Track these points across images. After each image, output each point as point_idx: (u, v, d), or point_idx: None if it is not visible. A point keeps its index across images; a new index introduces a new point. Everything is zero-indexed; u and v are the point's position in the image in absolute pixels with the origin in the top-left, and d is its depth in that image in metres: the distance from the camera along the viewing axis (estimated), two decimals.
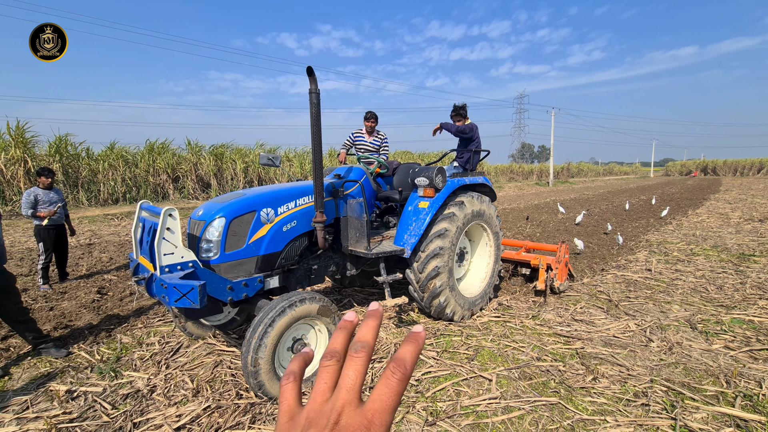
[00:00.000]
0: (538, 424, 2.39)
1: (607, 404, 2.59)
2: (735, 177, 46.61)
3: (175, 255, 2.53)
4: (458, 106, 4.75)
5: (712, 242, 7.76)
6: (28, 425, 2.43)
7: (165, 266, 2.48)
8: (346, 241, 3.52)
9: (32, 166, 13.74)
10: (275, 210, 3.05)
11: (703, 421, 2.40)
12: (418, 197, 3.79)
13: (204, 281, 2.40)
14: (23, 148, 13.68)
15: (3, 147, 13.44)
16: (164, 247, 2.48)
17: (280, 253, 3.10)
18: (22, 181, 13.61)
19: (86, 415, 2.54)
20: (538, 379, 2.90)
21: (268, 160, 3.84)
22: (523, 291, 4.94)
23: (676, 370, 3.04)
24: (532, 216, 11.91)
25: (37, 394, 2.78)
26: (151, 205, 2.87)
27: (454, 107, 4.75)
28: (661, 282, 5.27)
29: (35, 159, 14.00)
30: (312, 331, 2.88)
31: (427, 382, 2.88)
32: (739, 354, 3.26)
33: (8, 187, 13.77)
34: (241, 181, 19.64)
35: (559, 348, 3.40)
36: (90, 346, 3.54)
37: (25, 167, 13.76)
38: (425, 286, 3.69)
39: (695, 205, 14.46)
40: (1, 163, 13.41)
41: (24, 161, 13.72)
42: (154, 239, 2.53)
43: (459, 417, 2.47)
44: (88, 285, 5.33)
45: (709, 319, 3.98)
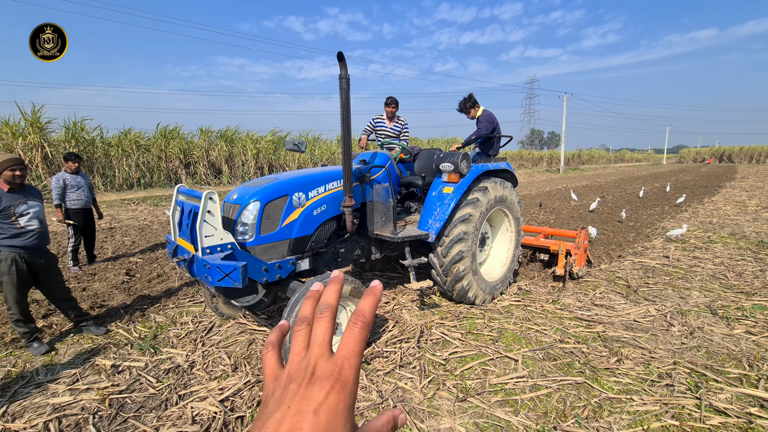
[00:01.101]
0: (565, 402, 2.48)
1: (632, 384, 2.67)
2: (751, 164, 45.57)
3: (215, 237, 2.63)
4: (465, 99, 4.80)
5: (729, 230, 7.71)
6: (81, 396, 2.58)
7: (206, 248, 2.58)
8: (371, 226, 3.59)
9: (49, 151, 13.96)
10: (306, 194, 3.12)
11: (727, 401, 2.47)
12: (442, 183, 3.83)
13: (245, 262, 2.49)
14: (39, 134, 13.87)
15: (21, 133, 13.63)
16: (205, 230, 2.57)
17: (310, 236, 3.18)
18: (40, 166, 13.85)
19: (133, 387, 2.69)
20: (562, 360, 2.98)
21: (294, 146, 3.90)
22: (542, 276, 5.00)
23: (699, 353, 3.10)
24: (545, 203, 11.87)
25: (84, 368, 2.94)
26: (189, 189, 2.96)
27: (461, 102, 4.81)
28: (680, 269, 5.28)
29: (51, 144, 14.20)
30: (343, 312, 2.98)
31: (454, 362, 2.98)
32: (761, 339, 3.30)
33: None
34: (252, 167, 19.75)
35: (581, 331, 3.47)
36: (126, 325, 3.69)
37: (42, 152, 13.98)
38: (449, 270, 3.76)
39: (711, 193, 14.26)
40: (19, 149, 13.62)
41: (41, 146, 13.93)
42: (195, 222, 2.62)
43: (488, 394, 2.57)
44: (116, 267, 5.50)
45: (729, 305, 4.01)
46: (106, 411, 2.43)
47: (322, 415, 0.31)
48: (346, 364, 0.34)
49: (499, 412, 2.39)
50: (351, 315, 0.37)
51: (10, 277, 2.97)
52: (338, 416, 0.32)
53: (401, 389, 2.63)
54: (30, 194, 3.13)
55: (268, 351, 0.40)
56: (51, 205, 5.92)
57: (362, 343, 0.35)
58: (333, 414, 0.31)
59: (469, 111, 4.86)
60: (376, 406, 2.46)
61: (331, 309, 0.38)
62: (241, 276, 2.44)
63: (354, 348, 0.35)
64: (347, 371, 0.34)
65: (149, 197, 13.59)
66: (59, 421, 2.34)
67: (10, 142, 13.62)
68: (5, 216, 2.95)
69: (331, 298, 0.38)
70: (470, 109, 4.83)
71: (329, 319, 0.37)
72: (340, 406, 0.32)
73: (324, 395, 0.32)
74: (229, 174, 19.31)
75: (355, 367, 0.34)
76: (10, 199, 2.98)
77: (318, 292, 0.41)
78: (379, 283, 0.39)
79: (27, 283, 3.09)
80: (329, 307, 0.38)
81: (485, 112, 4.79)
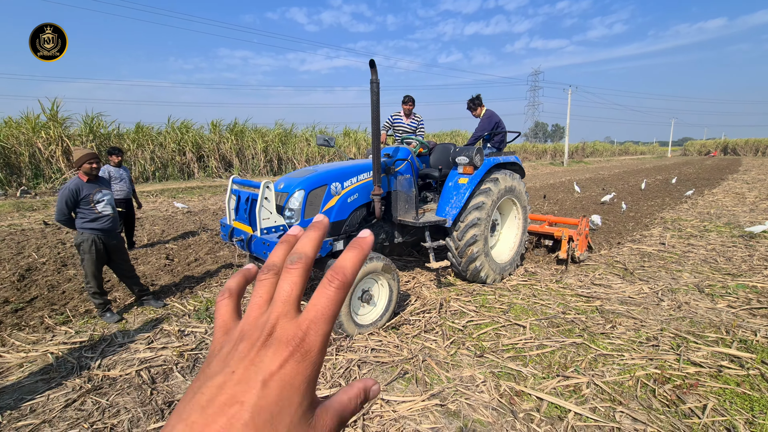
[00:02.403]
0: (567, 357, 2.96)
1: (623, 345, 3.14)
2: (756, 157, 45.57)
3: (271, 219, 3.10)
4: (473, 98, 5.29)
5: (725, 220, 8.11)
6: (160, 352, 3.08)
7: (264, 229, 3.06)
8: (395, 212, 4.05)
9: (69, 144, 14.47)
10: (342, 184, 3.58)
11: (703, 357, 2.94)
12: (457, 174, 4.28)
13: None
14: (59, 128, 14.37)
15: (42, 127, 14.13)
16: (263, 213, 3.05)
17: (345, 221, 3.65)
18: (61, 160, 14.38)
19: (201, 347, 3.19)
20: (564, 327, 3.46)
21: (324, 141, 4.36)
22: (546, 260, 5.46)
23: (683, 322, 3.56)
24: (549, 195, 12.28)
25: (155, 332, 3.44)
26: (244, 179, 3.43)
27: (468, 102, 5.30)
28: (674, 254, 5.72)
29: (70, 138, 14.70)
30: (375, 285, 3.46)
31: (471, 328, 3.46)
32: (740, 311, 3.76)
33: (47, 165, 14.53)
34: (262, 161, 20.22)
35: (581, 305, 3.94)
36: (179, 300, 4.19)
37: (62, 146, 14.49)
38: (464, 252, 4.23)
39: (712, 185, 14.61)
40: (40, 143, 14.13)
41: (61, 140, 14.43)
42: (253, 207, 3.10)
43: (501, 351, 3.05)
44: (155, 252, 6.01)
45: (715, 284, 4.46)
46: (184, 363, 2.94)
47: (273, 388, 0.25)
48: (312, 329, 0.27)
49: (511, 364, 2.87)
50: (327, 271, 0.30)
51: (90, 255, 3.47)
52: (293, 391, 0.26)
53: (427, 348, 3.11)
54: (103, 184, 3.61)
55: (223, 298, 0.34)
56: None
57: (336, 305, 0.29)
58: (287, 388, 0.26)
59: (475, 110, 5.31)
60: (407, 360, 2.95)
61: (305, 260, 0.31)
62: None
63: (325, 310, 0.28)
64: (312, 337, 0.27)
65: (166, 189, 14.10)
66: (148, 370, 2.85)
67: (30, 137, 14.13)
68: (86, 203, 3.43)
69: (307, 247, 0.31)
70: (476, 108, 5.28)
71: (301, 272, 0.30)
72: (297, 379, 0.26)
73: (279, 364, 0.26)
74: (239, 167, 19.80)
75: (323, 334, 0.28)
76: (89, 188, 3.46)
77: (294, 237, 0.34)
78: (369, 234, 0.32)
79: (103, 260, 3.58)
80: (302, 257, 0.30)
81: (487, 112, 5.24)
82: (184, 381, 2.72)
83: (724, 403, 2.43)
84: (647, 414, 2.35)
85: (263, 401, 0.25)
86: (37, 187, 13.60)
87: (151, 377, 2.76)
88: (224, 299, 0.34)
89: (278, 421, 0.25)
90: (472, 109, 5.30)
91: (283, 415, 0.25)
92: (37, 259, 5.52)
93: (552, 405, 2.44)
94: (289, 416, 0.26)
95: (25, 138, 14.18)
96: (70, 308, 3.90)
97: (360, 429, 2.22)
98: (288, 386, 0.26)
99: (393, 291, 3.48)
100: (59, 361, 2.98)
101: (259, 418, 0.24)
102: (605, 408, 2.40)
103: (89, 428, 2.27)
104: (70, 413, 2.41)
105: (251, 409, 0.24)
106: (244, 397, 0.25)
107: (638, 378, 2.68)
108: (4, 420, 2.34)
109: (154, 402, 2.50)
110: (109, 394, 2.59)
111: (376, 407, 2.41)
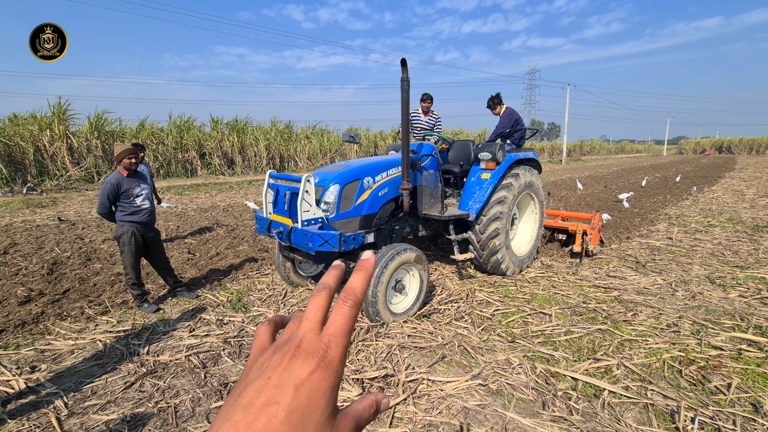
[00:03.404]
0: (594, 342, 3.12)
1: (646, 331, 3.30)
2: (750, 155, 46.16)
3: (311, 212, 3.23)
4: (492, 97, 5.48)
5: (727, 216, 8.33)
6: (204, 339, 3.21)
7: (305, 221, 3.18)
8: (421, 207, 4.19)
9: (74, 141, 14.47)
10: (373, 179, 3.71)
11: (722, 341, 3.11)
12: (480, 170, 4.42)
13: (339, 232, 3.10)
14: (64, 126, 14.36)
15: (47, 124, 14.12)
16: (304, 206, 3.18)
17: (376, 214, 3.78)
18: (66, 157, 14.38)
19: (242, 334, 3.32)
20: (587, 315, 3.62)
21: (350, 137, 4.48)
22: (560, 254, 5.62)
23: (699, 311, 3.73)
24: (552, 192, 12.48)
25: (194, 321, 3.56)
26: (281, 174, 3.55)
27: (489, 100, 5.50)
28: (682, 248, 5.91)
29: (76, 136, 14.70)
30: (407, 275, 3.60)
31: (498, 316, 3.61)
32: (752, 300, 3.94)
33: (52, 162, 14.52)
34: (264, 158, 20.26)
35: (600, 295, 4.11)
36: (210, 291, 4.31)
37: (67, 143, 14.49)
38: (486, 244, 4.38)
39: (710, 183, 14.88)
40: (46, 141, 14.12)
41: (66, 138, 14.43)
42: (292, 200, 3.22)
43: (531, 337, 3.21)
44: (176, 247, 6.11)
45: (725, 276, 4.65)
46: (231, 348, 3.06)
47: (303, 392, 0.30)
48: (333, 343, 0.32)
49: (543, 348, 3.03)
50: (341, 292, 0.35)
51: (130, 247, 3.58)
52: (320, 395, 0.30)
53: (460, 334, 3.26)
54: (141, 178, 3.72)
55: (263, 325, 0.40)
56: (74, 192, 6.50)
57: (351, 321, 0.33)
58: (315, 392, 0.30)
59: (495, 108, 5.48)
60: (442, 346, 3.09)
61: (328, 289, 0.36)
62: (338, 242, 3.05)
63: (342, 326, 0.33)
64: (334, 350, 0.32)
65: (172, 186, 14.14)
66: (197, 356, 2.97)
67: (37, 134, 14.12)
68: (126, 197, 3.54)
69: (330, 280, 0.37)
70: (496, 106, 5.45)
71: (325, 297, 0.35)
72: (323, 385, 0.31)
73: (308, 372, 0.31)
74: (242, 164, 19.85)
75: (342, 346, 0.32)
76: (129, 183, 3.57)
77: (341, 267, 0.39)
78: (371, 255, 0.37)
79: (141, 252, 3.70)
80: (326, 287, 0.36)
81: (507, 110, 5.40)
82: (234, 365, 2.85)
83: (747, 382, 2.59)
84: (676, 391, 2.51)
85: (296, 402, 0.29)
86: (42, 184, 13.60)
87: (202, 362, 2.88)
88: (264, 325, 0.40)
89: (308, 421, 0.29)
90: (492, 108, 5.45)
91: (312, 416, 0.29)
92: (60, 253, 5.61)
93: (587, 384, 2.59)
94: (317, 417, 0.30)
95: (30, 135, 14.16)
96: (106, 299, 4.01)
97: (412, 405, 2.37)
98: (316, 391, 0.30)
99: (423, 281, 3.62)
100: (108, 348, 3.10)
101: (293, 417, 0.29)
102: (637, 387, 2.56)
103: (154, 407, 2.39)
104: (132, 394, 2.53)
105: (286, 408, 0.29)
106: (280, 399, 0.29)
107: (664, 360, 2.84)
108: (69, 401, 2.46)
109: (210, 384, 2.63)
110: (164, 377, 2.71)
111: (423, 387, 2.55)
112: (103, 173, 14.89)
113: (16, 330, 3.37)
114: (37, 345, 3.15)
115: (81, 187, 13.46)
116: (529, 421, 2.25)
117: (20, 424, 2.26)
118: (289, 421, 0.28)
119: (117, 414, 2.34)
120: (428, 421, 2.25)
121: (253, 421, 0.28)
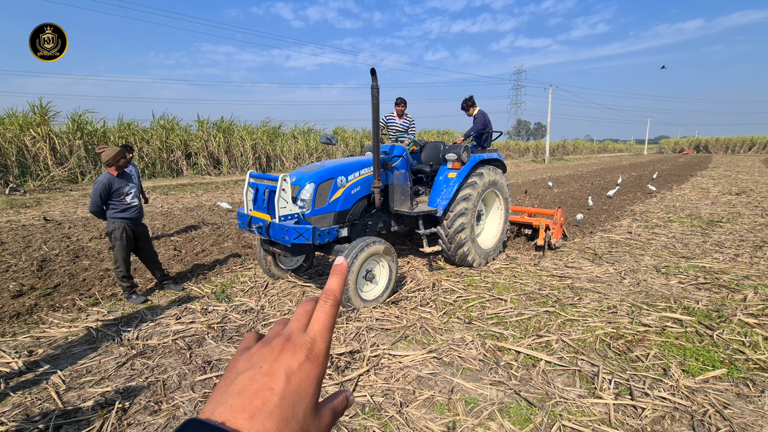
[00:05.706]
0: (540, 322, 3.52)
1: (587, 313, 3.72)
2: (726, 154, 47.84)
3: (287, 208, 3.55)
4: (466, 99, 5.88)
5: (688, 212, 8.90)
6: (190, 325, 3.51)
7: (282, 216, 3.51)
8: (392, 203, 4.54)
9: (57, 142, 14.44)
10: (346, 177, 4.05)
11: (652, 320, 3.54)
12: (447, 169, 4.80)
13: (313, 226, 3.43)
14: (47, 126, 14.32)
15: (29, 124, 14.06)
16: (281, 203, 3.50)
17: (349, 210, 4.12)
18: (49, 157, 14.34)
19: (226, 321, 3.62)
20: (539, 300, 4.02)
21: (327, 139, 4.81)
22: (526, 248, 6.05)
23: (640, 295, 4.17)
24: (530, 190, 12.99)
25: (180, 310, 3.85)
26: (260, 173, 3.86)
27: (463, 102, 5.89)
28: (639, 241, 6.39)
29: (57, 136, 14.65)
30: (377, 266, 3.95)
31: (460, 302, 3.99)
32: (688, 286, 4.40)
33: (34, 163, 14.45)
34: (251, 158, 20.38)
35: (555, 283, 4.52)
36: (195, 285, 4.59)
37: (50, 144, 14.44)
38: (453, 238, 4.75)
39: (681, 181, 15.60)
40: (27, 141, 14.06)
41: (49, 138, 14.38)
42: (270, 198, 3.54)
43: (486, 319, 3.59)
44: (162, 244, 6.35)
45: (670, 265, 5.12)
46: (214, 333, 3.37)
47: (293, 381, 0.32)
48: (319, 337, 0.35)
49: (495, 328, 3.41)
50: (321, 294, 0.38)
51: (121, 241, 3.85)
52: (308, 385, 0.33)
53: (424, 318, 3.62)
54: (129, 178, 3.99)
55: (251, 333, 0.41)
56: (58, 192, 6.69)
57: (333, 319, 0.36)
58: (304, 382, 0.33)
59: (468, 110, 5.88)
60: (407, 327, 3.45)
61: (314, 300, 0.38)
62: (312, 235, 3.38)
63: (325, 323, 0.36)
64: (320, 344, 0.35)
65: (158, 186, 14.23)
66: (183, 339, 3.27)
67: (18, 134, 14.04)
68: (117, 195, 3.81)
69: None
70: (469, 108, 5.85)
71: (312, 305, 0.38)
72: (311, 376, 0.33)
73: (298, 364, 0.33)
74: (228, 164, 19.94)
75: (326, 341, 0.35)
76: (119, 182, 3.84)
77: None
78: (344, 261, 0.40)
79: (132, 246, 3.97)
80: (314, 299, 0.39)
81: (480, 112, 5.81)
82: (217, 346, 3.16)
83: (664, 352, 3.02)
84: (602, 361, 2.91)
85: (288, 389, 0.31)
86: (25, 184, 13.56)
87: (187, 344, 3.19)
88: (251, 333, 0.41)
89: (298, 407, 0.32)
90: (466, 109, 5.85)
91: (302, 403, 0.32)
92: (48, 251, 5.80)
93: (527, 356, 2.98)
94: (305, 404, 0.32)
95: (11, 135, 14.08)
96: (96, 292, 4.26)
97: (373, 375, 2.72)
98: (305, 381, 0.33)
99: (392, 271, 3.98)
100: (100, 334, 3.37)
101: (285, 402, 0.31)
102: (570, 357, 2.96)
103: (144, 381, 2.70)
104: (124, 371, 2.83)
105: (280, 394, 0.31)
106: (273, 385, 0.31)
107: (597, 336, 3.25)
108: (66, 378, 2.75)
109: (195, 362, 2.94)
110: (153, 357, 3.01)
111: (384, 360, 2.90)
112: (87, 173, 14.89)
113: (11, 320, 3.61)
114: (33, 333, 3.41)
115: (65, 187, 13.47)
116: (471, 384, 2.62)
117: (23, 397, 2.53)
118: (282, 405, 0.31)
119: (111, 388, 2.63)
120: (386, 387, 2.61)
121: (248, 404, 0.30)
